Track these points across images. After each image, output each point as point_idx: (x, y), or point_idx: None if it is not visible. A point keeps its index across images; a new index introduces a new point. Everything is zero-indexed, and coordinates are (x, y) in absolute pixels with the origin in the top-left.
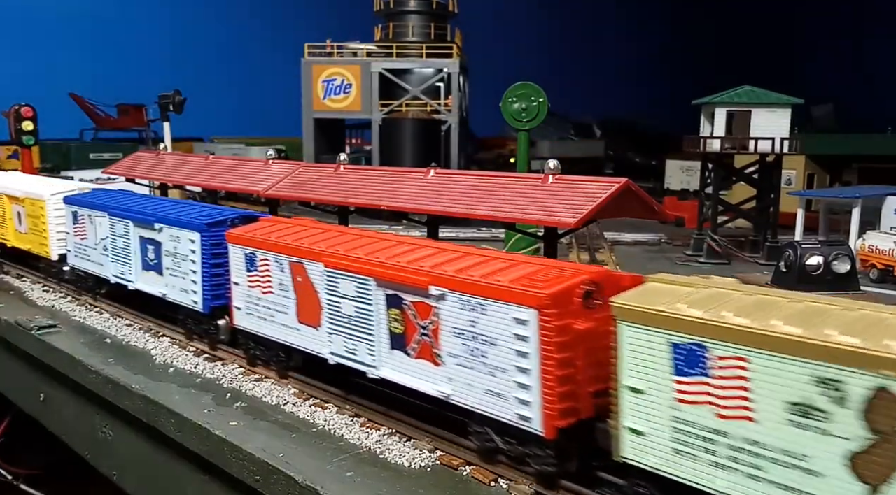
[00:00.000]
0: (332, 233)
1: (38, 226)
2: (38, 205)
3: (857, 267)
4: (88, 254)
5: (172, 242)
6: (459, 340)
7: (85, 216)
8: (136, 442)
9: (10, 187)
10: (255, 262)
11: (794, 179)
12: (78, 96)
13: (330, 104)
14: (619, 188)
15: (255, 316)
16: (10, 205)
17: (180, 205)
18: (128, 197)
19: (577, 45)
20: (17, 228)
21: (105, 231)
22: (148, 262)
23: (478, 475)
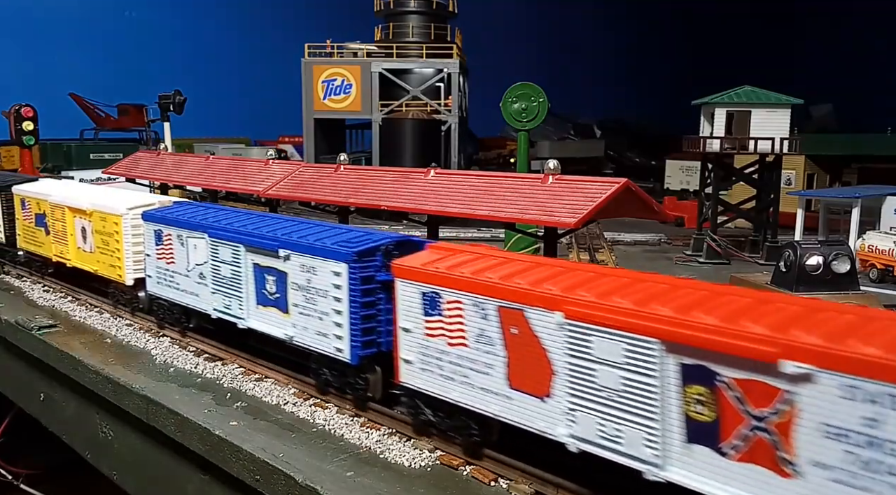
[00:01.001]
0: (547, 269)
1: (110, 246)
2: (110, 220)
3: (857, 267)
4: (177, 281)
5: (304, 274)
6: (839, 447)
7: (172, 236)
8: (136, 442)
9: (74, 198)
10: (438, 305)
11: (794, 179)
12: (78, 96)
13: (330, 104)
14: (619, 188)
15: (437, 373)
16: (73, 218)
17: (309, 225)
18: (229, 214)
19: (577, 46)
20: (80, 246)
21: (203, 255)
22: (266, 296)
23: (478, 475)
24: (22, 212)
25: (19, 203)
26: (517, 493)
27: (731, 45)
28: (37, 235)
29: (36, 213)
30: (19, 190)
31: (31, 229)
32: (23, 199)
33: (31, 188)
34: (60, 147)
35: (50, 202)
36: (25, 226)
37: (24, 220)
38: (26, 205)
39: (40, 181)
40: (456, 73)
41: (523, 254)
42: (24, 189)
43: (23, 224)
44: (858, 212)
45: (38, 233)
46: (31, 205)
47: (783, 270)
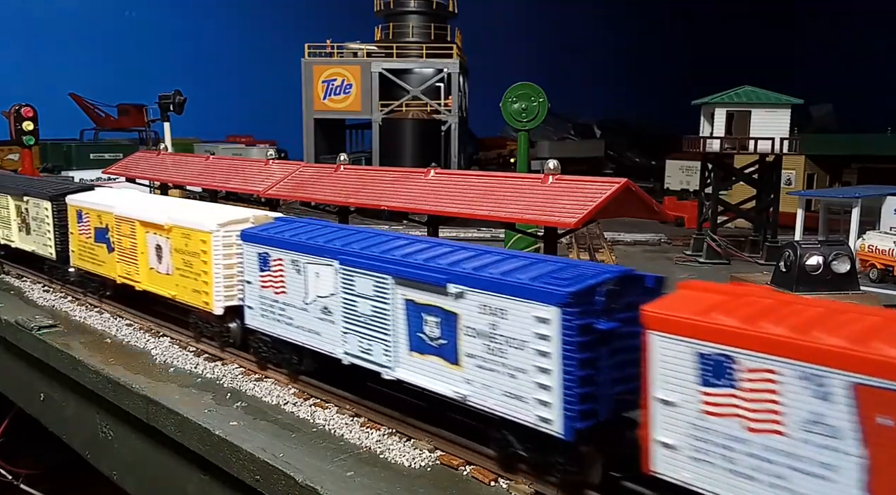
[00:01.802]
0: None
1: (194, 268)
2: (196, 238)
3: (857, 267)
4: (289, 315)
5: (487, 317)
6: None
7: (285, 261)
8: (136, 442)
9: (146, 210)
10: (729, 373)
11: (794, 179)
12: (78, 96)
13: (330, 104)
14: (619, 188)
15: (721, 466)
16: (145, 234)
17: (483, 253)
18: (362, 235)
19: (577, 45)
20: (153, 267)
21: (330, 286)
22: (424, 342)
23: (478, 475)
24: (78, 225)
25: (74, 215)
26: (517, 493)
27: (731, 45)
28: (96, 252)
29: (96, 227)
30: (75, 200)
31: (89, 245)
32: (79, 211)
33: (90, 198)
34: (60, 147)
35: (116, 215)
36: (82, 242)
37: (81, 235)
38: (84, 217)
39: (99, 190)
40: (456, 73)
41: (858, 305)
42: (81, 199)
43: (78, 239)
44: (858, 212)
45: (98, 249)
46: (90, 218)
47: (783, 270)
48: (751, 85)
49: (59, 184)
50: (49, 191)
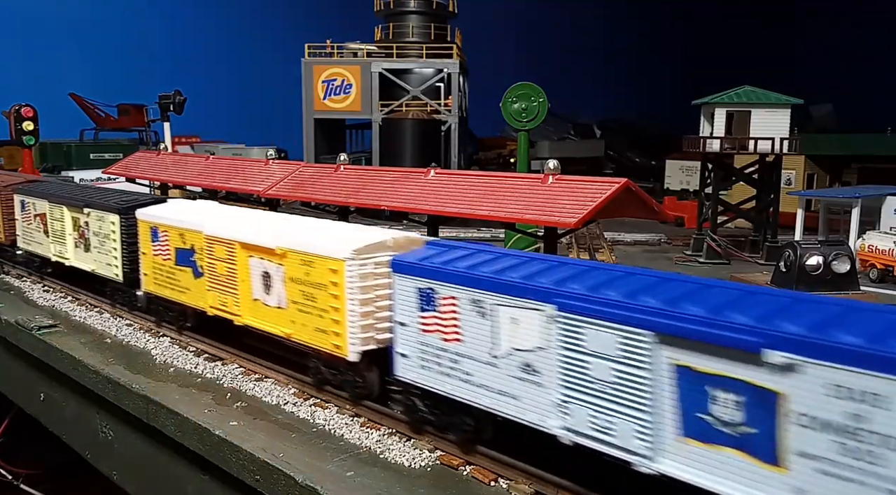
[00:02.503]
0: None
1: (318, 302)
2: (322, 266)
3: (857, 267)
4: (465, 369)
5: (843, 404)
6: None
7: (461, 300)
8: (136, 442)
9: (248, 229)
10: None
11: (794, 179)
12: (78, 96)
13: (330, 104)
14: (619, 188)
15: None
16: (248, 258)
17: (822, 304)
18: (575, 267)
19: (577, 45)
20: (258, 298)
21: (535, 336)
22: (709, 427)
23: (478, 475)
24: (152, 244)
25: (147, 232)
26: (517, 493)
27: (731, 45)
28: (177, 277)
29: (178, 248)
30: (149, 215)
31: (168, 269)
32: (154, 228)
33: (168, 213)
34: (60, 147)
35: (207, 235)
36: (157, 264)
37: (157, 256)
38: (160, 235)
39: (174, 203)
40: (456, 73)
41: None
42: (156, 214)
43: (153, 260)
44: (858, 212)
45: (179, 274)
46: (170, 237)
47: (783, 270)
48: (751, 85)
49: (126, 196)
50: (116, 203)
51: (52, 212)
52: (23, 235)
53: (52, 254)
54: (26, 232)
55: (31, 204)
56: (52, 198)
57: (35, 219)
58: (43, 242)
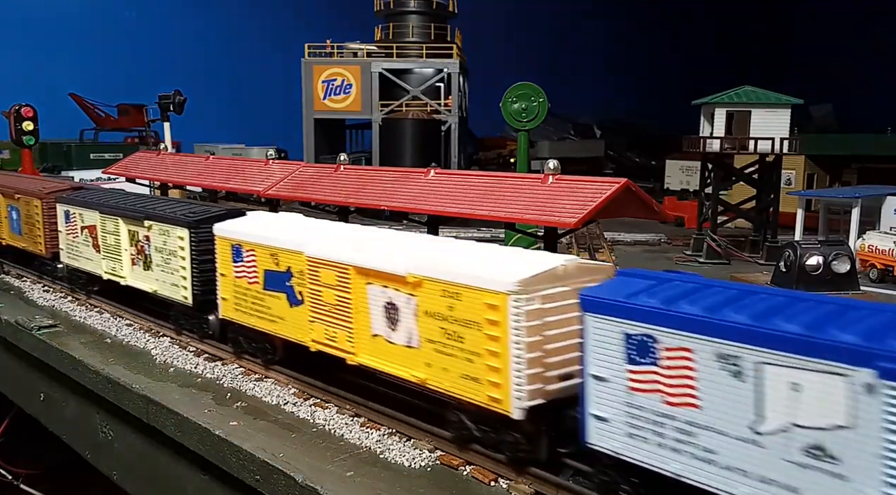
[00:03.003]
0: None
1: (468, 344)
2: (475, 300)
3: (857, 267)
4: (705, 445)
5: None
6: None
7: (698, 354)
8: (136, 442)
9: (364, 250)
10: None
11: (794, 179)
12: (78, 96)
13: (330, 104)
14: (619, 188)
15: None
16: (366, 286)
17: None
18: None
19: (576, 45)
20: (379, 333)
21: (836, 412)
22: None
23: (478, 475)
24: (234, 264)
25: (228, 250)
26: (517, 493)
27: (731, 45)
28: (267, 304)
29: (268, 270)
30: (230, 231)
31: (254, 294)
32: (237, 246)
33: (253, 229)
34: (60, 147)
35: (310, 256)
36: (241, 288)
37: (240, 278)
38: (244, 255)
39: (256, 216)
40: (456, 73)
41: None
42: (237, 230)
43: (234, 283)
44: (858, 212)
45: (270, 301)
46: (258, 257)
47: (783, 270)
48: (751, 85)
49: (195, 207)
50: (185, 215)
51: (104, 224)
52: (67, 249)
53: (103, 271)
54: (71, 245)
55: (78, 214)
56: (105, 209)
57: (83, 232)
58: (92, 258)
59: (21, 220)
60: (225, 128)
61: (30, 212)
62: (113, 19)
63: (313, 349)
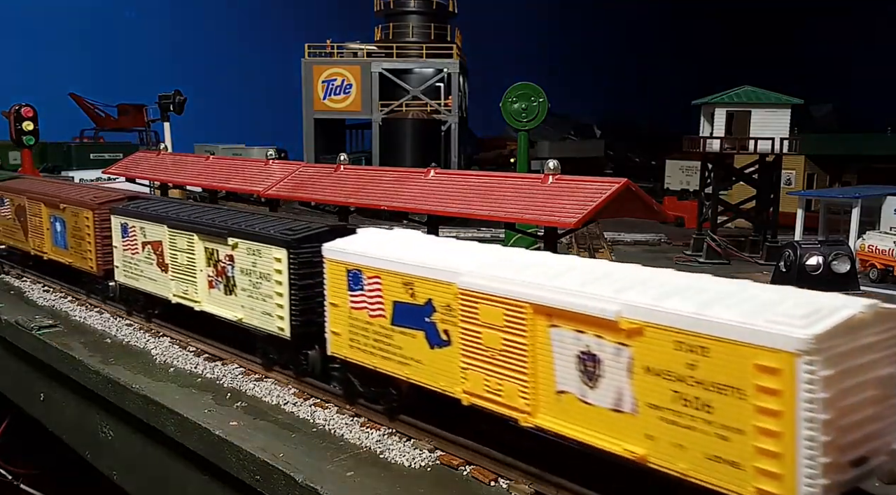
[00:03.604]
0: None
1: (720, 416)
2: (736, 358)
3: (857, 267)
4: None
5: None
6: None
7: None
8: (136, 442)
9: (542, 281)
10: None
11: (794, 179)
12: (78, 96)
13: (330, 104)
14: (619, 188)
15: None
16: (548, 328)
17: None
18: None
19: (576, 45)
20: (569, 390)
21: None
22: None
23: (478, 475)
24: (350, 294)
25: (343, 276)
26: (517, 493)
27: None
28: (395, 343)
29: (398, 302)
30: (342, 252)
31: (379, 329)
32: (354, 272)
33: (375, 250)
34: (60, 147)
35: (464, 288)
36: (360, 322)
37: (359, 310)
38: (365, 282)
39: (368, 234)
40: (456, 73)
41: None
42: (354, 251)
43: (350, 316)
44: (858, 212)
45: (400, 339)
46: (384, 286)
47: (783, 270)
48: (751, 85)
49: (291, 223)
50: (281, 232)
51: (174, 240)
52: (123, 267)
53: (171, 294)
54: (129, 263)
55: (139, 228)
56: (177, 223)
57: (145, 249)
58: (157, 278)
59: (67, 233)
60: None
61: (78, 223)
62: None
63: (466, 402)
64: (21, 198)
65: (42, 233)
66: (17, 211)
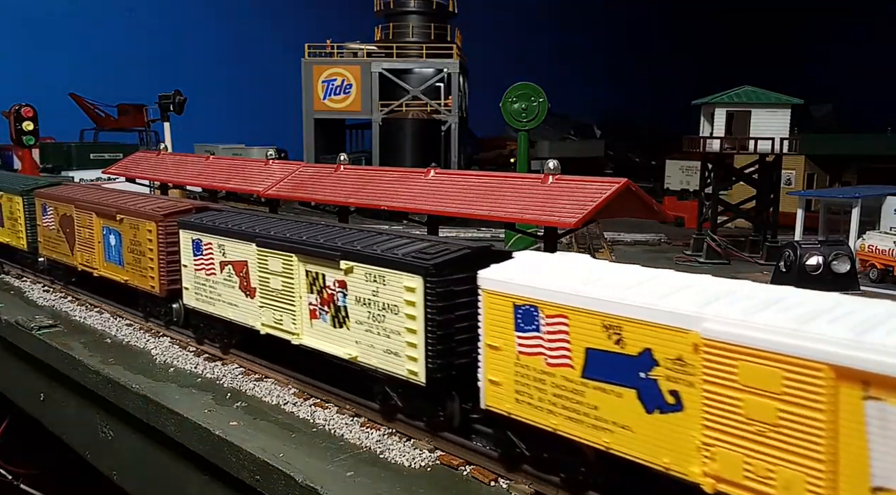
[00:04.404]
0: None
1: None
2: None
3: (857, 267)
4: None
5: None
6: None
7: None
8: (136, 442)
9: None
10: None
11: (794, 179)
12: (78, 96)
13: (330, 104)
14: (619, 188)
15: None
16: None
17: None
18: None
19: (576, 45)
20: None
21: None
22: None
23: (478, 475)
24: (518, 335)
25: (508, 312)
26: (517, 493)
27: (731, 45)
28: (588, 401)
29: (595, 350)
30: (506, 283)
31: (563, 383)
32: (527, 308)
33: (550, 281)
34: (60, 147)
35: (710, 338)
36: (533, 371)
37: (531, 356)
38: (541, 321)
39: (527, 258)
40: (456, 73)
41: None
42: (524, 282)
43: (518, 362)
44: (858, 212)
45: (594, 396)
46: (573, 327)
47: (783, 270)
48: (751, 85)
49: (421, 244)
50: (415, 256)
51: (264, 260)
52: (195, 289)
53: (258, 324)
54: (203, 285)
55: (216, 245)
56: (268, 241)
57: (224, 269)
58: (238, 304)
59: (123, 248)
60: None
61: (137, 237)
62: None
63: (709, 489)
64: (68, 206)
65: (92, 247)
66: (61, 221)
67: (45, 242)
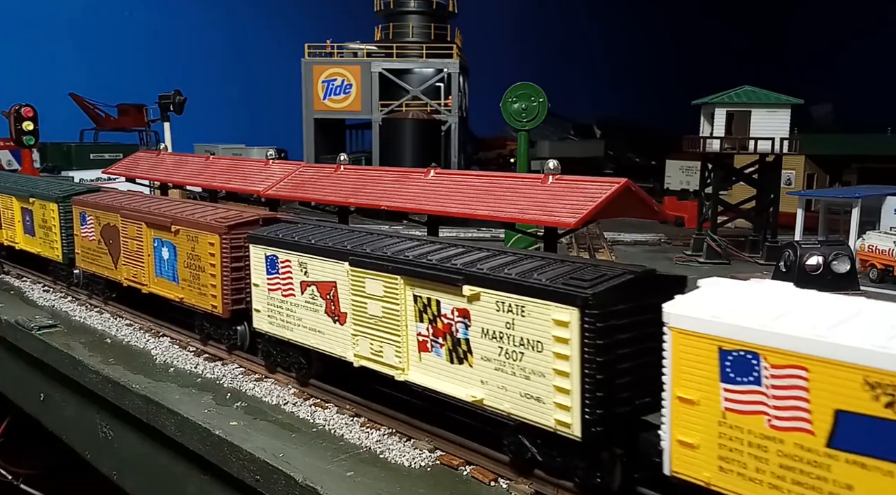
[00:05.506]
0: None
1: None
2: None
3: (857, 267)
4: None
5: None
6: None
7: None
8: (136, 442)
9: None
10: None
11: (794, 179)
12: (78, 96)
13: (330, 104)
14: (619, 188)
15: None
16: None
17: None
18: None
19: (576, 45)
20: None
21: None
22: None
23: (478, 475)
24: (726, 387)
25: (712, 359)
26: (517, 493)
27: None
28: (839, 479)
29: (850, 414)
30: (707, 322)
31: (801, 454)
32: (740, 354)
33: (761, 319)
34: (60, 147)
35: None
36: (752, 435)
37: (749, 414)
38: (763, 372)
39: (716, 286)
40: (456, 73)
41: None
42: (739, 323)
43: (726, 422)
44: (858, 212)
45: (852, 472)
46: (818, 382)
47: (783, 270)
48: (751, 85)
49: (561, 266)
50: (558, 281)
51: (360, 282)
52: (268, 311)
53: (350, 354)
54: (279, 307)
55: (297, 263)
56: (365, 260)
57: (305, 290)
58: (324, 330)
59: (178, 262)
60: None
61: (196, 251)
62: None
63: None
64: (112, 215)
65: (141, 261)
66: (103, 231)
67: (83, 254)
